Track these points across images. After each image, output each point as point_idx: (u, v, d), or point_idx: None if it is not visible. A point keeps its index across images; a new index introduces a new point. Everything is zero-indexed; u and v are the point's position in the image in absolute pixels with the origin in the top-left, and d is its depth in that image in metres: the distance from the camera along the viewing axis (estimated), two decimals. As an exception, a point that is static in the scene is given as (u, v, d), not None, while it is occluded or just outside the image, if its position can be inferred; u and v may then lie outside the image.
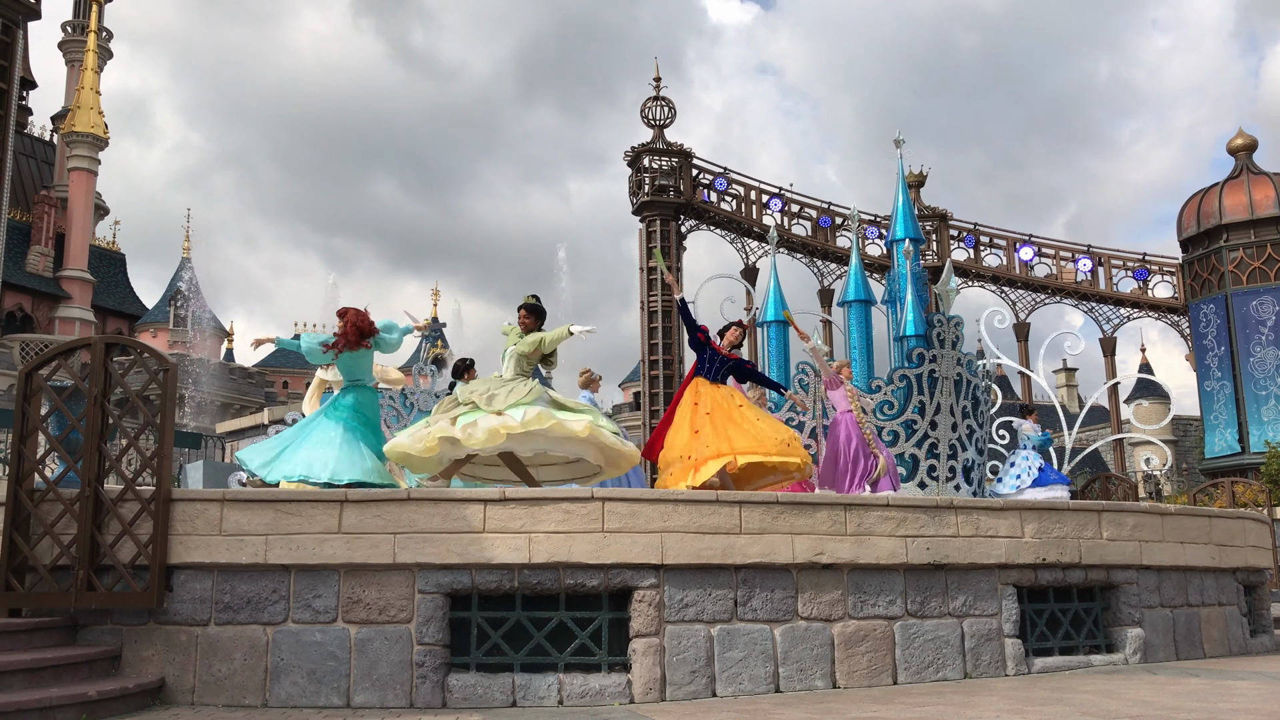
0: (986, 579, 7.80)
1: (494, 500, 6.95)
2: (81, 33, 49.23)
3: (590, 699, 6.72)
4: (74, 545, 6.72)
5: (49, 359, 7.10)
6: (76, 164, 45.98)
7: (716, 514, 7.15)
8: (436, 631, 6.78)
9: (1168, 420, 27.18)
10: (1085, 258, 32.92)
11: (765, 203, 31.76)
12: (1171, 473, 35.71)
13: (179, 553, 6.78)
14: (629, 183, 31.59)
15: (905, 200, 16.25)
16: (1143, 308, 33.09)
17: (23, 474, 6.90)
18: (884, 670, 7.34)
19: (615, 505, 7.03)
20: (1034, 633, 8.08)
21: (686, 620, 6.99)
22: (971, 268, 32.53)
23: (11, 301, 43.02)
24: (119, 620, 6.79)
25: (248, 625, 6.75)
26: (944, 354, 13.73)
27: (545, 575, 6.89)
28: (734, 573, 7.15)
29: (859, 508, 7.51)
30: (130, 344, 7.49)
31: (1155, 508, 9.04)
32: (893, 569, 7.50)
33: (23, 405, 7.00)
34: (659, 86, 31.88)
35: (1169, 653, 8.66)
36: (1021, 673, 7.72)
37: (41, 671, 6.15)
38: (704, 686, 6.92)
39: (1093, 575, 8.31)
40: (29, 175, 46.86)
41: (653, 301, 30.04)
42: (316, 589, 6.80)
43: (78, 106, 45.95)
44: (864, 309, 15.80)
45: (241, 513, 6.85)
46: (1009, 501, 8.39)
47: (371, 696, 6.66)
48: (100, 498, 6.80)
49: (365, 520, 6.83)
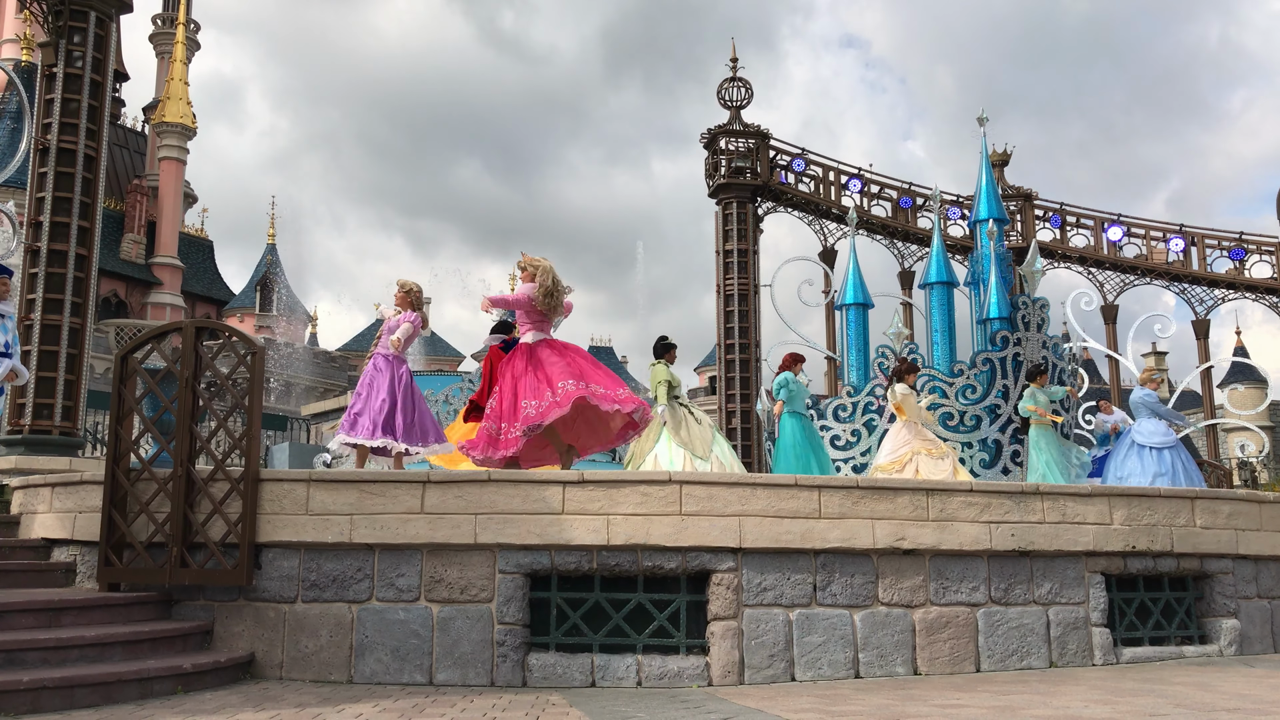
0: (1073, 566, 7.61)
1: (572, 482, 6.99)
2: (170, 25, 50.51)
3: (668, 681, 6.73)
4: (168, 523, 6.93)
5: (142, 343, 7.32)
6: (166, 153, 47.30)
7: (795, 498, 7.09)
8: (517, 611, 6.85)
9: (1265, 405, 26.25)
10: (1177, 237, 31.82)
11: (844, 183, 31.30)
12: (1269, 459, 34.46)
13: (267, 531, 6.95)
14: (705, 165, 31.39)
15: (989, 179, 15.89)
16: (1239, 288, 31.85)
17: (120, 454, 7.14)
18: (966, 658, 7.22)
19: (693, 488, 7.02)
20: (1123, 622, 7.88)
21: (765, 604, 6.96)
22: (1057, 248, 31.66)
23: (107, 288, 44.47)
24: (211, 596, 7.00)
25: (333, 603, 6.90)
26: (1029, 337, 13.43)
27: (623, 557, 6.91)
28: (813, 557, 7.09)
29: (942, 493, 7.38)
30: (219, 328, 7.69)
31: (1252, 495, 8.73)
32: (976, 555, 7.36)
33: (119, 387, 7.23)
34: (735, 67, 31.59)
35: (1266, 645, 8.37)
36: (1109, 663, 7.53)
37: (140, 644, 6.37)
38: (782, 670, 6.89)
39: (1185, 564, 8.07)
40: (122, 165, 48.39)
41: (729, 285, 29.86)
42: (400, 568, 6.92)
43: (167, 97, 47.22)
44: (946, 291, 15.50)
45: (327, 493, 6.99)
46: (1097, 488, 8.17)
47: (453, 674, 6.76)
48: (192, 477, 7.00)
49: (447, 501, 6.92)
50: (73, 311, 12.34)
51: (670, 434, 10.36)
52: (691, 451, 10.19)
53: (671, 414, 10.49)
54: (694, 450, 10.20)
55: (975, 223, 15.99)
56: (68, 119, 12.61)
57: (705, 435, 10.47)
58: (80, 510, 7.60)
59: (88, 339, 12.64)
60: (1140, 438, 11.36)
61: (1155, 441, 11.30)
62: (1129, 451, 11.45)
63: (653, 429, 10.46)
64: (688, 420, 10.46)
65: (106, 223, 39.58)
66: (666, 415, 10.50)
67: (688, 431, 10.40)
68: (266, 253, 52.17)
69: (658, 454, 10.36)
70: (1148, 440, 11.30)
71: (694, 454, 10.18)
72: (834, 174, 31.51)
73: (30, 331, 12.02)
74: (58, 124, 12.57)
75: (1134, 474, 11.06)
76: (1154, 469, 11.07)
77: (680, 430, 10.37)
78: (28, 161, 12.73)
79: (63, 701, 5.58)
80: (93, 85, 12.84)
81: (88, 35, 12.88)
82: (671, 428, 10.41)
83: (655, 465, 10.27)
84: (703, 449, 10.21)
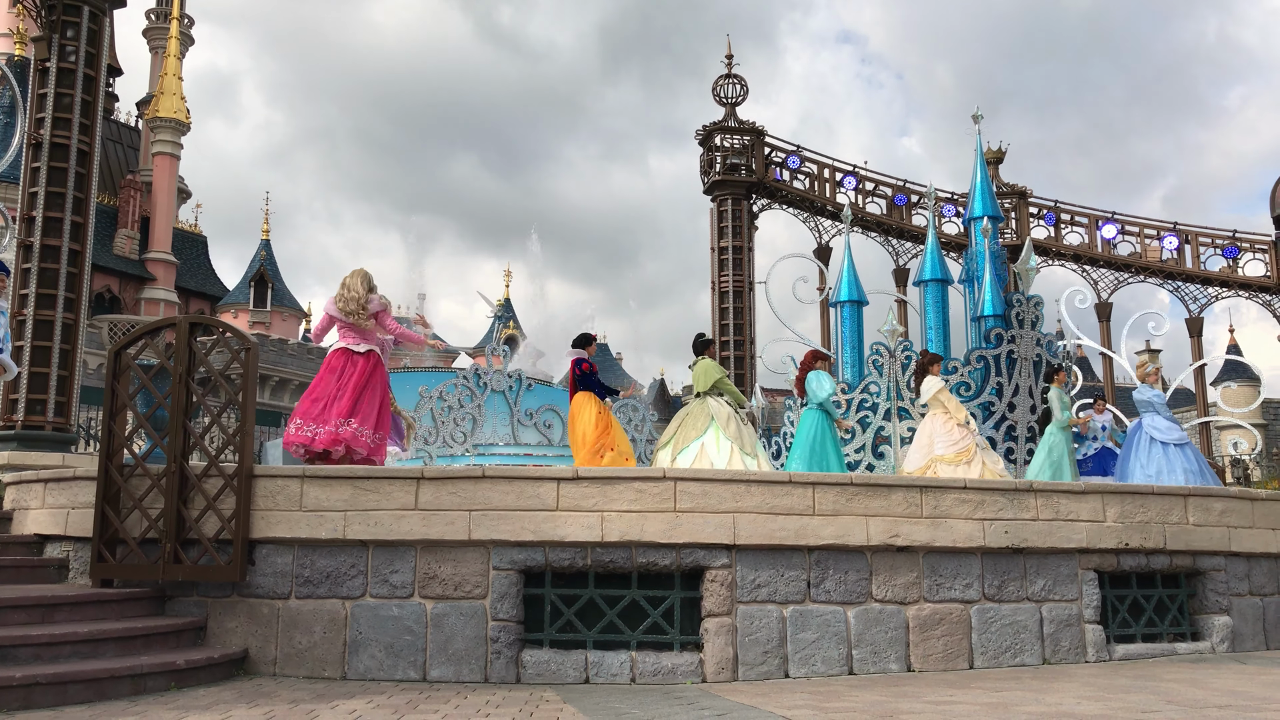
0: (1066, 563, 7.63)
1: (567, 479, 6.99)
2: (164, 20, 50.36)
3: (662, 677, 6.74)
4: (161, 519, 6.92)
5: (136, 338, 7.30)
6: (160, 149, 47.16)
7: (789, 495, 7.10)
8: (511, 608, 6.85)
9: (1258, 403, 26.32)
10: (1171, 235, 31.90)
11: (839, 180, 31.33)
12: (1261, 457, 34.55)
13: (261, 528, 6.94)
14: (700, 162, 31.40)
15: (984, 177, 15.91)
16: (1232, 286, 31.94)
17: (113, 449, 7.12)
18: (960, 654, 7.23)
19: (687, 485, 7.02)
20: (1115, 619, 7.90)
21: (759, 601, 6.96)
22: (1052, 246, 31.74)
23: (100, 283, 44.37)
24: (204, 593, 6.99)
25: (327, 599, 6.89)
26: (1023, 334, 13.45)
27: (618, 554, 6.92)
28: (807, 554, 7.10)
29: (935, 490, 7.40)
30: (213, 324, 7.67)
31: (1245, 493, 8.76)
32: (969, 552, 7.38)
33: (112, 383, 7.21)
34: (730, 64, 31.60)
35: (1258, 642, 8.39)
36: (1102, 659, 7.55)
37: (133, 640, 6.36)
38: (776, 667, 6.90)
39: (1178, 561, 8.09)
40: (115, 160, 48.24)
41: (724, 282, 29.87)
42: (394, 564, 6.92)
43: (161, 92, 47.07)
44: (940, 288, 15.53)
45: (321, 489, 6.98)
46: (1090, 485, 8.19)
47: (447, 671, 6.76)
48: (185, 473, 6.99)
49: (441, 497, 6.92)
50: (66, 307, 12.31)
51: (720, 427, 10.30)
52: (740, 447, 10.16)
53: (720, 409, 10.49)
54: (743, 446, 10.18)
55: (970, 220, 16.01)
56: (61, 114, 12.57)
57: (752, 434, 10.49)
58: (73, 506, 7.59)
59: (81, 334, 12.61)
60: (1158, 434, 11.25)
61: (1174, 438, 11.23)
62: (1151, 448, 11.27)
63: (698, 419, 10.46)
64: (735, 418, 10.48)
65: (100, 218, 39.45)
66: (715, 409, 10.49)
67: (738, 427, 10.38)
68: (261, 248, 52.05)
69: (705, 443, 10.29)
70: (1167, 436, 11.20)
71: (742, 450, 10.14)
72: (829, 171, 31.53)
73: (23, 327, 11.99)
74: (50, 119, 12.53)
75: (1163, 472, 10.94)
76: (1182, 465, 10.98)
77: (730, 425, 10.35)
78: (20, 156, 12.70)
79: (55, 698, 5.57)
80: (86, 80, 12.80)
81: (81, 29, 12.84)
82: (721, 421, 10.37)
83: (702, 454, 10.19)
84: (751, 446, 10.23)
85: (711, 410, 10.47)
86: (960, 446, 10.39)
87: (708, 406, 10.49)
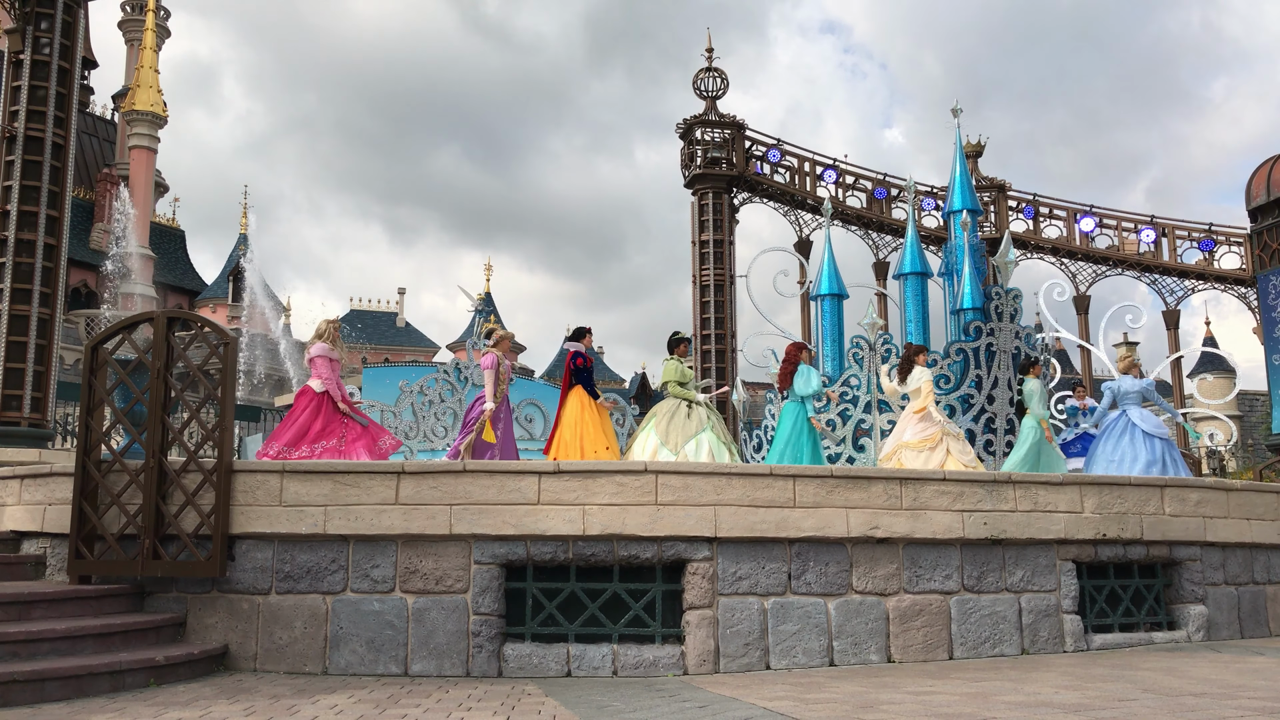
0: (1045, 554, 7.69)
1: (548, 472, 6.99)
2: (140, 11, 49.90)
3: (644, 669, 6.75)
4: (140, 515, 6.87)
5: (113, 333, 7.25)
6: (137, 142, 46.74)
7: (770, 487, 7.12)
8: (492, 602, 6.84)
9: (1233, 395, 26.53)
10: (1148, 228, 32.13)
11: (819, 174, 31.39)
12: (1236, 448, 34.86)
13: (240, 523, 6.91)
14: (681, 155, 31.39)
15: (963, 171, 15.97)
16: (1208, 279, 32.22)
17: (90, 445, 7.07)
18: (939, 645, 7.28)
19: (668, 478, 7.04)
20: (1093, 609, 7.97)
21: (740, 593, 6.99)
22: (1030, 239, 31.91)
23: (76, 278, 43.99)
24: (184, 588, 6.95)
25: (308, 594, 6.87)
26: (1002, 327, 13.52)
27: (599, 547, 6.92)
28: (788, 546, 7.13)
29: (915, 482, 7.43)
30: (191, 318, 7.62)
31: (1220, 483, 8.84)
32: (949, 544, 7.42)
33: (89, 378, 7.16)
34: (710, 57, 31.59)
35: (1233, 631, 8.49)
36: (1080, 649, 7.62)
37: (111, 637, 6.33)
38: (758, 659, 6.92)
39: (1155, 551, 8.17)
40: (91, 153, 47.80)
41: (705, 276, 29.89)
42: (374, 559, 6.90)
43: (137, 85, 46.63)
44: (920, 282, 15.59)
45: (301, 484, 6.95)
46: (1068, 476, 8.24)
47: (429, 665, 6.75)
48: (164, 468, 6.94)
49: (422, 491, 6.90)
50: (41, 302, 12.20)
51: (654, 425, 10.81)
52: (662, 442, 10.67)
53: (667, 406, 11.02)
54: (665, 441, 10.71)
55: (949, 214, 16.08)
56: (35, 106, 12.45)
57: (687, 429, 10.75)
58: (50, 502, 7.53)
59: (57, 330, 12.51)
60: (1141, 423, 11.31)
61: (1150, 428, 11.30)
62: (1123, 435, 11.35)
63: (649, 417, 11.10)
64: (677, 414, 10.89)
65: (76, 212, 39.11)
66: (659, 407, 11.06)
67: (668, 424, 10.82)
68: (239, 242, 51.72)
69: (641, 440, 10.91)
70: (1146, 426, 11.26)
71: (663, 444, 10.67)
72: (809, 164, 31.58)
73: (-2, 322, 11.88)
74: (25, 111, 12.41)
75: (1126, 459, 11.02)
76: (1146, 456, 11.06)
77: (663, 422, 10.85)
78: (-5, 149, 12.56)
79: (33, 695, 5.53)
80: (61, 72, 12.69)
81: (55, 22, 12.71)
82: (659, 419, 10.88)
83: (640, 451, 10.74)
84: (673, 443, 10.60)
85: (655, 409, 11.13)
86: (926, 434, 10.50)
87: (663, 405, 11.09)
